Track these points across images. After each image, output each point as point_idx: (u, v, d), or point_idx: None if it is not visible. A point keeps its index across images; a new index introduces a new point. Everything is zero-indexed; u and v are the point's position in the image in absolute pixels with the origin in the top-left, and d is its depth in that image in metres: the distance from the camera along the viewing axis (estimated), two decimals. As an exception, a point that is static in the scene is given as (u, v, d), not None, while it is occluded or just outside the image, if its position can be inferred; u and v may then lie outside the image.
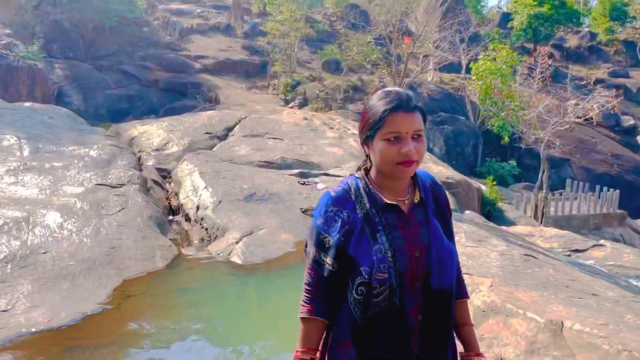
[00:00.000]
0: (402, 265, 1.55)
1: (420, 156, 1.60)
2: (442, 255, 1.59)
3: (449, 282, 1.61)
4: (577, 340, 3.59)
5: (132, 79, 21.12)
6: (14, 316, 4.29)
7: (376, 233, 1.57)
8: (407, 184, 1.67)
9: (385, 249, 1.55)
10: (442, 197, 1.74)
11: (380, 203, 1.61)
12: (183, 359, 4.06)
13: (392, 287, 1.53)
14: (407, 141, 1.56)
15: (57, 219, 6.24)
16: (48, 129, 10.80)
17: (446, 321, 1.63)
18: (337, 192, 1.65)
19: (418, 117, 1.60)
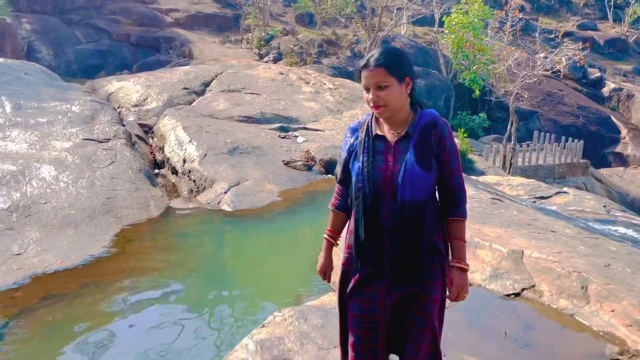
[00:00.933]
0: (375, 179, 2.03)
1: (387, 101, 2.02)
2: (407, 176, 1.99)
3: (413, 198, 1.99)
4: (535, 265, 4.14)
5: (102, 34, 20.75)
6: (28, 259, 4.65)
7: (361, 154, 2.07)
8: (402, 121, 2.09)
9: (364, 166, 2.05)
10: (434, 134, 2.07)
11: (372, 133, 2.11)
12: (187, 291, 4.50)
13: (365, 193, 2.03)
14: (372, 91, 2.04)
15: (51, 172, 6.50)
16: (26, 86, 10.77)
17: (412, 226, 2.01)
18: (354, 124, 2.23)
19: (380, 73, 2.02)
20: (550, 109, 22.25)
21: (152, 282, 4.55)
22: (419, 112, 2.11)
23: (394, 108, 2.05)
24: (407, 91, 2.07)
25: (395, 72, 2.04)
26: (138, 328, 3.85)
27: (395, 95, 2.03)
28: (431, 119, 2.09)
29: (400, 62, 2.07)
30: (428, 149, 2.04)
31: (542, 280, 3.99)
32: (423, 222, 2.03)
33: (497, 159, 15.82)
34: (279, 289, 4.61)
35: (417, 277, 2.05)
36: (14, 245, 4.84)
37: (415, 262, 2.03)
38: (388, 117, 2.08)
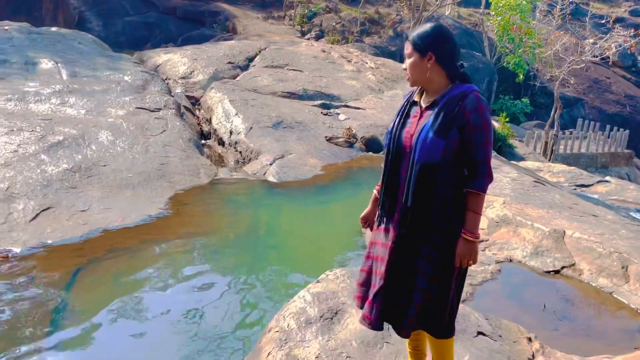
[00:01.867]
0: (399, 139, 2.26)
1: (410, 72, 2.28)
2: (420, 139, 2.17)
3: (423, 159, 2.16)
4: (576, 245, 4.24)
5: (150, 6, 21.15)
6: (92, 215, 5.00)
7: (396, 116, 2.33)
8: (437, 90, 2.26)
9: (394, 127, 2.30)
10: (459, 106, 2.18)
11: (412, 99, 2.35)
12: (238, 251, 4.78)
13: (390, 150, 2.29)
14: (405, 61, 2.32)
15: (108, 137, 6.85)
16: (80, 54, 11.21)
17: (422, 186, 2.18)
18: (406, 92, 2.47)
19: (407, 46, 2.29)
20: (597, 96, 21.69)
21: (206, 242, 4.84)
22: (454, 85, 2.25)
23: (414, 78, 2.28)
24: (428, 65, 2.22)
25: (417, 47, 2.25)
26: (192, 282, 4.14)
27: (413, 67, 2.25)
28: (462, 92, 2.21)
29: (426, 39, 2.25)
30: (448, 118, 2.16)
31: (582, 259, 4.09)
32: (433, 186, 2.18)
33: (539, 145, 15.62)
34: (324, 254, 4.84)
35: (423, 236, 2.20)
36: (78, 202, 5.19)
37: (419, 220, 2.19)
38: (419, 86, 2.32)
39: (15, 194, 5.16)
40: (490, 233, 4.69)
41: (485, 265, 4.12)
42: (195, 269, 4.34)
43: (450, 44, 2.28)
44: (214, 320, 3.59)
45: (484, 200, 2.25)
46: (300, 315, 2.83)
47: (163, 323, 3.58)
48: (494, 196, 5.45)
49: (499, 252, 4.38)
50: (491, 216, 4.91)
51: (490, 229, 4.74)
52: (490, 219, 4.88)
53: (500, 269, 4.10)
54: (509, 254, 4.36)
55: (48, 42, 11.55)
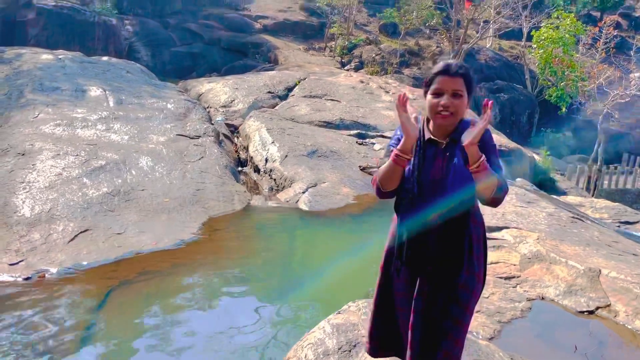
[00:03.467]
0: (425, 182, 2.14)
1: (457, 110, 2.11)
2: (457, 179, 2.09)
3: (461, 200, 2.10)
4: (612, 285, 4.09)
5: (195, 37, 21.93)
6: (127, 238, 5.16)
7: (414, 157, 2.16)
8: (451, 130, 2.16)
9: (414, 169, 2.14)
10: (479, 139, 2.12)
11: (424, 138, 2.21)
12: (265, 278, 4.82)
13: (414, 195, 2.15)
14: (446, 96, 2.11)
15: (148, 163, 7.09)
16: (127, 83, 11.70)
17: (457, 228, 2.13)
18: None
19: (459, 81, 2.12)
20: (644, 131, 21.01)
21: (234, 268, 4.90)
22: (462, 120, 2.20)
23: (458, 118, 2.15)
24: (467, 106, 2.17)
25: (469, 85, 2.16)
26: (221, 306, 4.19)
27: (464, 107, 2.14)
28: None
29: (473, 77, 2.19)
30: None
31: (618, 300, 3.94)
32: (468, 224, 2.15)
33: (581, 179, 15.21)
34: (349, 285, 4.82)
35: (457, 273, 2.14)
36: (115, 225, 5.37)
37: (457, 262, 2.14)
38: (446, 126, 2.17)
39: (57, 216, 5.39)
40: (522, 269, 4.58)
41: (515, 303, 4.01)
42: (223, 295, 4.40)
43: None
44: (239, 346, 3.62)
45: (494, 186, 2.08)
46: (319, 347, 2.82)
47: (189, 347, 3.63)
48: (528, 231, 5.33)
49: (530, 290, 4.26)
50: (524, 252, 4.80)
51: (522, 265, 4.63)
52: (523, 254, 4.77)
53: (531, 307, 3.98)
54: (541, 292, 4.23)
55: (98, 70, 12.13)
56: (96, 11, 18.09)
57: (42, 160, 6.58)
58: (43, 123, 8.03)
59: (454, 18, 19.46)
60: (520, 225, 5.54)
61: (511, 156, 12.66)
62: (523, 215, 6.03)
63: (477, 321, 3.71)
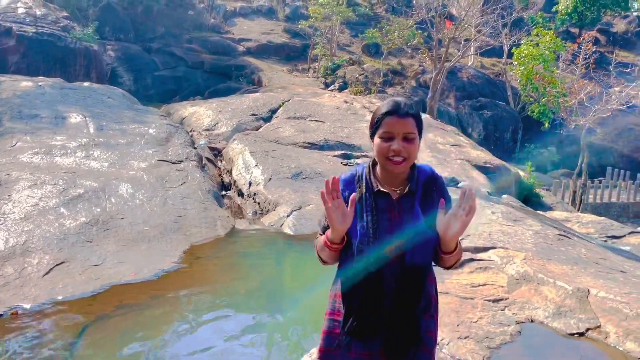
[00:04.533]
0: (382, 241, 1.87)
1: (410, 155, 1.88)
2: (417, 237, 1.86)
3: (421, 260, 1.88)
4: (601, 305, 4.02)
5: (178, 61, 21.93)
6: (105, 270, 5.00)
7: (364, 213, 1.89)
8: (403, 177, 1.95)
9: (369, 227, 1.87)
10: (435, 190, 1.96)
11: (373, 189, 1.93)
12: (246, 309, 4.67)
13: (369, 257, 1.87)
14: (397, 140, 1.87)
15: (129, 190, 6.94)
16: (108, 108, 11.57)
17: (416, 289, 1.91)
18: (346, 176, 2.01)
19: (410, 122, 1.89)
20: (625, 144, 21.28)
21: (215, 299, 4.76)
22: (417, 167, 1.99)
23: (411, 163, 1.93)
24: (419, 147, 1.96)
25: (419, 126, 1.95)
26: (199, 341, 4.04)
27: (417, 150, 1.92)
28: (431, 175, 2.00)
29: (420, 116, 1.98)
30: (432, 206, 1.93)
31: (608, 321, 3.86)
32: (424, 285, 1.95)
33: (567, 194, 15.28)
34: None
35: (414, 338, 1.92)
36: (93, 257, 5.21)
37: (413, 326, 1.92)
38: (398, 173, 1.93)
39: (32, 248, 5.22)
40: (510, 291, 4.49)
41: (504, 326, 3.92)
42: (205, 327, 4.25)
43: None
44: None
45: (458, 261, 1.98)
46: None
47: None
48: (515, 251, 5.26)
49: (519, 312, 4.17)
50: (511, 273, 4.72)
51: (510, 287, 4.54)
52: (510, 275, 4.69)
53: (520, 331, 3.89)
54: (530, 314, 4.14)
55: (79, 96, 11.99)
56: (77, 37, 17.99)
57: (18, 191, 6.41)
58: (20, 152, 7.87)
59: (435, 37, 19.65)
60: (506, 245, 5.47)
61: (496, 173, 12.68)
62: (509, 234, 5.97)
63: (467, 347, 3.60)
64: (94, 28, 19.31)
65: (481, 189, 10.55)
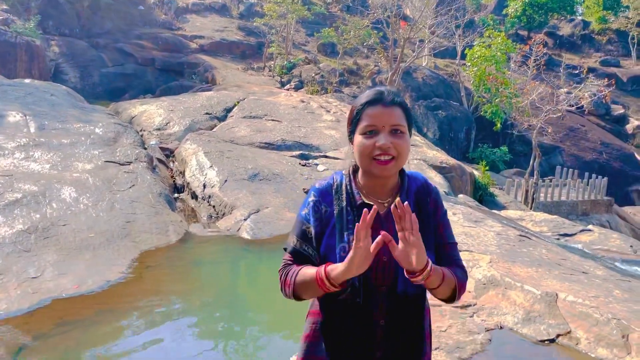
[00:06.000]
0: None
1: (400, 152, 1.54)
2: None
3: (417, 290, 1.55)
4: (571, 309, 3.92)
5: (128, 58, 21.10)
6: (44, 282, 4.56)
7: (344, 231, 1.55)
8: (391, 187, 1.62)
9: (351, 248, 1.47)
10: (429, 202, 1.65)
11: (356, 202, 1.59)
12: (202, 321, 4.35)
13: (355, 286, 1.51)
14: (383, 135, 1.53)
15: (72, 194, 6.46)
16: (51, 106, 10.90)
17: (413, 329, 1.58)
18: (321, 185, 1.65)
19: (397, 112, 1.56)
20: (573, 144, 21.96)
21: (167, 312, 4.41)
22: (407, 175, 1.67)
23: (400, 164, 1.57)
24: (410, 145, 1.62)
25: (409, 119, 1.59)
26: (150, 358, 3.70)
27: (408, 147, 1.57)
28: (423, 184, 1.67)
29: (408, 107, 1.63)
30: (428, 222, 1.62)
31: (578, 327, 3.77)
32: (424, 319, 1.63)
33: (519, 193, 15.55)
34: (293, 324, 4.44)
35: None
36: (30, 268, 4.76)
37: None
38: (387, 177, 1.59)
39: (-39, 260, 4.72)
40: (477, 296, 4.36)
41: (474, 335, 3.76)
42: (154, 345, 3.90)
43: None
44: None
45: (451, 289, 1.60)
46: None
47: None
48: (480, 254, 5.15)
49: (488, 319, 4.04)
50: (478, 277, 4.60)
51: (477, 292, 4.41)
52: (478, 280, 4.56)
53: (490, 339, 3.74)
54: (499, 320, 4.01)
55: (19, 94, 11.25)
56: (18, 31, 16.99)
57: (-54, 196, 5.84)
58: (-50, 153, 7.23)
59: (391, 37, 19.65)
60: (471, 247, 5.36)
61: (452, 172, 12.74)
62: (472, 236, 5.87)
63: (437, 359, 3.42)
64: (37, 22, 18.31)
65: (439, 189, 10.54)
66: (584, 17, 34.85)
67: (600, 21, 32.83)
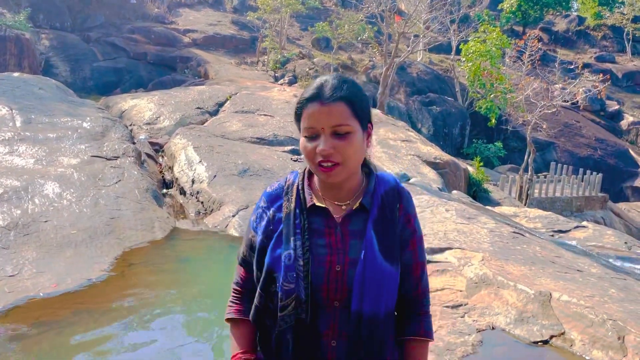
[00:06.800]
0: (316, 277, 1.33)
1: (346, 157, 1.32)
2: (369, 275, 1.32)
3: (376, 309, 1.33)
4: (565, 310, 3.80)
5: (120, 52, 20.87)
6: (21, 281, 4.40)
7: (291, 236, 1.36)
8: (351, 188, 1.42)
9: (297, 255, 1.33)
10: (398, 209, 1.44)
11: (307, 204, 1.40)
12: (185, 324, 4.20)
13: (300, 300, 1.32)
14: (324, 137, 1.31)
15: (55, 189, 6.29)
16: (39, 100, 10.70)
17: (368, 355, 1.36)
18: (272, 189, 1.48)
19: (339, 109, 1.31)
20: (568, 140, 21.91)
21: (150, 313, 4.26)
22: (374, 175, 1.46)
23: (351, 168, 1.36)
24: (367, 144, 1.40)
25: (360, 113, 1.35)
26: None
27: (357, 148, 1.34)
28: (393, 187, 1.45)
29: (364, 98, 1.39)
30: (393, 230, 1.40)
31: (572, 328, 3.64)
32: (385, 347, 1.39)
33: (513, 189, 15.47)
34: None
35: None
36: (7, 266, 4.59)
37: None
38: (334, 184, 1.39)
39: None
40: (469, 295, 4.23)
41: (465, 336, 3.64)
42: (134, 349, 3.75)
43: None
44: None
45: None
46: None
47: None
48: (472, 252, 5.03)
49: (480, 319, 3.91)
50: (470, 276, 4.47)
51: (469, 291, 4.28)
52: (469, 278, 4.43)
53: (482, 340, 3.62)
54: (491, 321, 3.89)
55: (6, 87, 11.03)
56: (7, 24, 16.73)
57: None
58: None
59: (385, 32, 19.51)
60: (463, 244, 5.23)
61: (446, 168, 12.63)
62: (465, 233, 5.74)
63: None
64: (27, 15, 18.05)
65: (432, 185, 10.42)
66: (580, 13, 34.78)
67: (595, 17, 32.77)
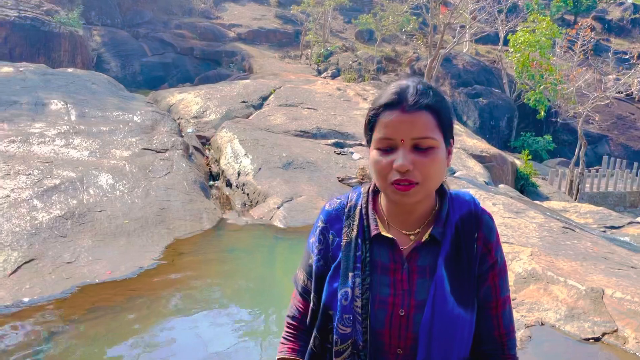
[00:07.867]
0: (377, 321, 1.16)
1: (426, 176, 1.13)
2: (438, 322, 1.14)
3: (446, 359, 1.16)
4: (618, 307, 3.69)
5: (167, 47, 21.37)
6: (78, 268, 4.61)
7: (349, 271, 1.18)
8: (422, 213, 1.22)
9: (355, 295, 1.16)
10: (477, 239, 1.21)
11: (370, 233, 1.21)
12: (234, 310, 4.31)
13: (357, 346, 1.17)
14: (402, 151, 1.12)
15: (109, 180, 6.53)
16: (92, 95, 11.11)
17: None
18: (332, 207, 1.30)
19: (423, 120, 1.13)
20: (621, 133, 21.04)
21: (199, 299, 4.39)
22: (448, 197, 1.24)
23: (429, 190, 1.17)
24: (448, 162, 1.19)
25: (445, 125, 1.17)
26: (179, 349, 3.68)
27: (439, 166, 1.14)
28: (470, 211, 1.23)
29: (449, 108, 1.19)
30: (469, 267, 1.19)
31: (626, 325, 3.54)
32: None
33: (563, 183, 15.01)
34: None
35: None
36: (65, 254, 4.82)
37: None
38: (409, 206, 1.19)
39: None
40: (517, 291, 4.16)
41: (512, 331, 3.59)
42: (183, 334, 3.88)
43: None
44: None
45: None
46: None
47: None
48: (520, 246, 4.93)
49: (528, 314, 3.84)
50: (518, 270, 4.39)
51: (517, 286, 4.21)
52: (517, 273, 4.36)
53: (530, 336, 3.56)
54: (539, 316, 3.81)
55: (61, 83, 11.50)
56: (61, 22, 17.38)
57: (-11, 181, 5.98)
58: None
59: (430, 23, 19.17)
60: (511, 239, 5.14)
61: (493, 162, 12.38)
62: (513, 227, 5.64)
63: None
64: (79, 12, 18.70)
65: (478, 179, 10.24)
66: (635, 0, 33.19)
67: (653, 4, 31.23)
